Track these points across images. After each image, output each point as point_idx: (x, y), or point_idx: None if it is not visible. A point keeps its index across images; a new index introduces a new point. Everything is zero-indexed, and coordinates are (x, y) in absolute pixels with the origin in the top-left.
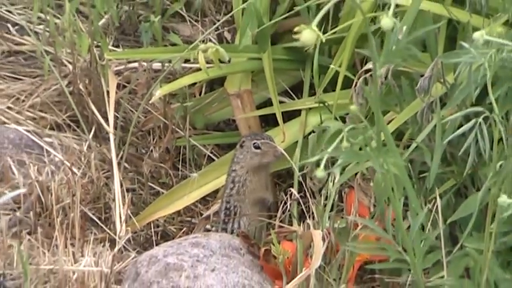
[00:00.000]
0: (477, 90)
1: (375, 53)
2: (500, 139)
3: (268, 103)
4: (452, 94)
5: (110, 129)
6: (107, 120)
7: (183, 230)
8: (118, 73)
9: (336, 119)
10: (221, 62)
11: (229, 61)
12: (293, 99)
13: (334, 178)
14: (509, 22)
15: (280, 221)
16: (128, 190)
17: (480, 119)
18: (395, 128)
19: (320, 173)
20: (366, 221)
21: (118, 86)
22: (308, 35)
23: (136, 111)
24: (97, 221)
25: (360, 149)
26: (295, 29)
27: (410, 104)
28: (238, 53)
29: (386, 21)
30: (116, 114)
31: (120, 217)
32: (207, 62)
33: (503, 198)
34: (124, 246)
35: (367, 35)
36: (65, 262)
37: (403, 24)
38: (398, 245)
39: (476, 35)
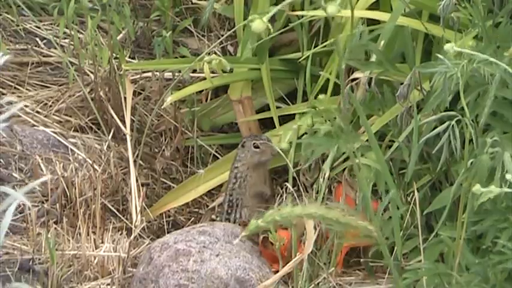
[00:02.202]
0: (450, 97)
1: (341, 56)
2: (471, 139)
3: (266, 108)
4: (428, 100)
5: (127, 131)
6: (124, 123)
7: (191, 220)
8: (134, 82)
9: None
10: (224, 71)
11: (231, 71)
12: (288, 104)
13: (325, 174)
14: (478, 36)
15: None
16: (142, 185)
17: (453, 122)
18: (378, 129)
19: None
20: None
21: (134, 93)
22: (258, 24)
23: (150, 115)
24: (115, 211)
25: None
26: (250, 17)
27: (391, 108)
28: (240, 64)
29: (331, 8)
30: (132, 117)
31: (136, 208)
32: (212, 72)
33: (477, 187)
34: (139, 234)
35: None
36: (87, 248)
37: (382, 36)
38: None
39: (447, 46)
